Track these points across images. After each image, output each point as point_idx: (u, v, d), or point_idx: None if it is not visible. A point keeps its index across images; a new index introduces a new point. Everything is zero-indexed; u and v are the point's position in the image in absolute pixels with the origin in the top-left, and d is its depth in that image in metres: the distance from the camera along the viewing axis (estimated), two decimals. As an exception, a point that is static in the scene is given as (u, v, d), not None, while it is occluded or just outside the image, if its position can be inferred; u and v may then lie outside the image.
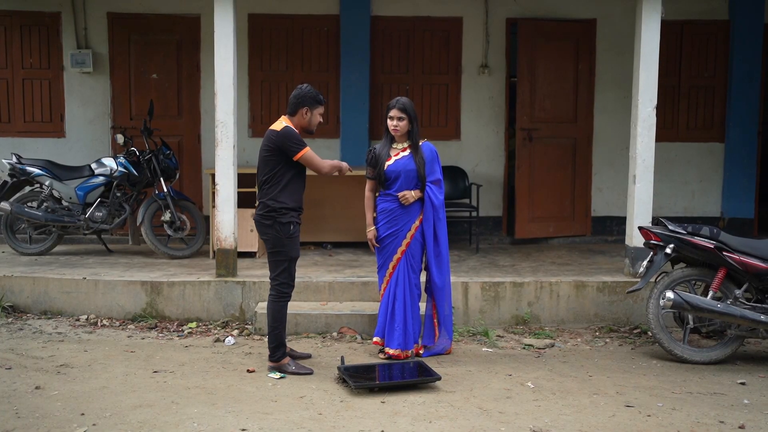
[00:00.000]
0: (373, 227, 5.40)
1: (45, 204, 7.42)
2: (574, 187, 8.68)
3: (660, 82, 6.49)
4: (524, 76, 8.38)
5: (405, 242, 5.36)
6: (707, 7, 8.69)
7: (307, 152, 4.97)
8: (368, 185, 5.47)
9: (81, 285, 6.45)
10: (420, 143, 5.40)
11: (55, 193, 7.46)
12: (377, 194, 5.48)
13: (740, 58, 8.66)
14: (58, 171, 7.51)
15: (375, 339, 5.50)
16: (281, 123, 5.03)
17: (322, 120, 5.20)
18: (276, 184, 4.98)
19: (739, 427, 4.22)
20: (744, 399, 4.71)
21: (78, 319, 6.32)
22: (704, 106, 8.89)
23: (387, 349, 5.36)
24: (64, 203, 7.49)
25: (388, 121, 5.34)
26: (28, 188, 7.62)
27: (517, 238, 8.51)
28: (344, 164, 5.27)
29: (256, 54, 8.65)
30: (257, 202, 5.12)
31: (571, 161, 8.65)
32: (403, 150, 5.38)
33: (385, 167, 5.34)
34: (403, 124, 5.31)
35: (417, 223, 5.39)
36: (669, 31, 7.02)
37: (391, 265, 5.37)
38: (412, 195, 5.33)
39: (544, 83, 8.47)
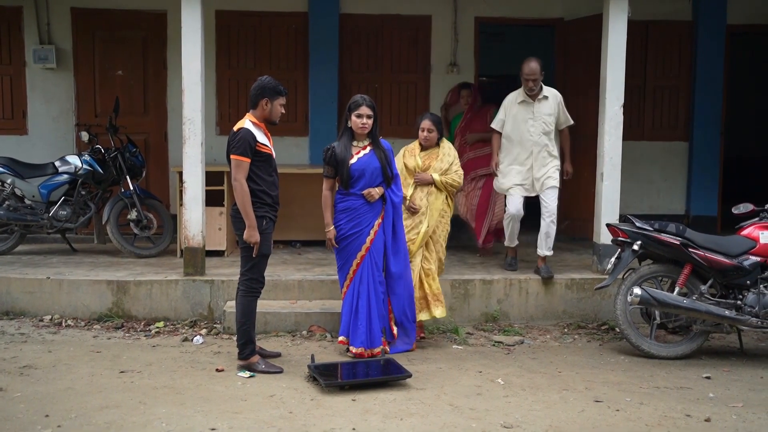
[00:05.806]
0: (332, 227, 5.33)
1: (7, 202, 7.25)
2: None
3: (625, 81, 6.56)
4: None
5: (369, 239, 5.33)
6: (672, 8, 8.82)
7: (242, 161, 4.85)
8: (326, 184, 5.35)
9: (44, 285, 6.32)
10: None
11: (18, 192, 7.29)
12: (334, 193, 5.39)
13: (704, 58, 8.81)
14: (20, 169, 7.35)
15: (340, 338, 5.45)
16: (243, 122, 4.99)
17: (284, 111, 5.12)
18: (250, 181, 4.93)
19: (705, 421, 4.29)
20: (709, 393, 4.78)
21: (42, 320, 6.19)
22: (669, 106, 9.02)
23: (351, 348, 5.33)
24: (27, 201, 7.33)
25: (356, 119, 5.27)
26: (-12, 187, 7.45)
27: (486, 235, 8.52)
28: (251, 214, 4.87)
29: (224, 51, 8.56)
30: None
31: (539, 159, 8.69)
32: (364, 148, 5.35)
33: (349, 165, 5.28)
34: (371, 122, 5.30)
35: (379, 220, 5.37)
36: (634, 31, 7.09)
37: (354, 263, 5.33)
38: (376, 192, 5.32)
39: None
